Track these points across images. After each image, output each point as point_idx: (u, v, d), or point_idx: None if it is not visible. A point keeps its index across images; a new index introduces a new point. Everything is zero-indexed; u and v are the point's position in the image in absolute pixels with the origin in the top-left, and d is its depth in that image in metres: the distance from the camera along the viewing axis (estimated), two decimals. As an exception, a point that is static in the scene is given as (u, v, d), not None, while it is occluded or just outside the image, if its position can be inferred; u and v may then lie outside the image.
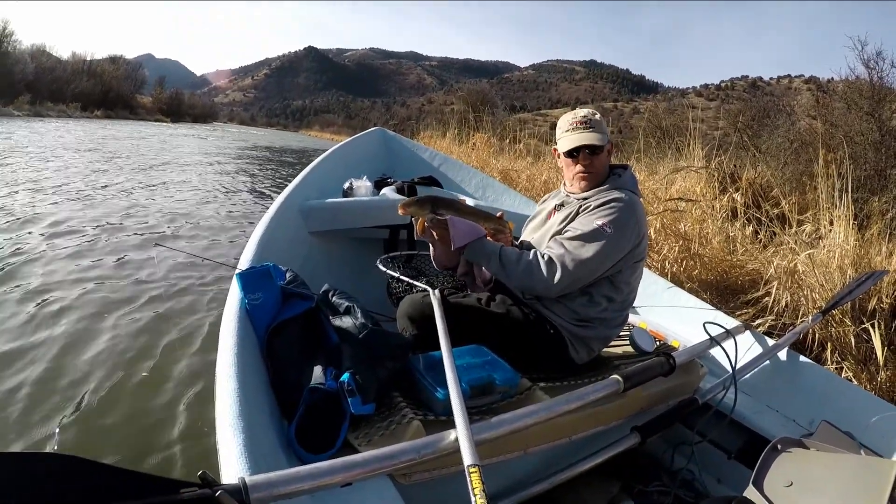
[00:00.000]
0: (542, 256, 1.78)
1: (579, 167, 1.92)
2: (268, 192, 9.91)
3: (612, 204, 1.80)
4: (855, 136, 6.11)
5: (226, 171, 13.02)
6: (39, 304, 3.58)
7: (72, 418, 2.44)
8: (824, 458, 1.42)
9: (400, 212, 1.79)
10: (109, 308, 3.61)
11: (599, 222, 1.76)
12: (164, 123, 48.94)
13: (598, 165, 1.92)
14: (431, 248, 2.01)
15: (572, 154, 1.92)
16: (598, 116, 1.92)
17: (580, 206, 1.87)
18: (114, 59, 61.97)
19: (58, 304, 3.59)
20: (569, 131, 1.92)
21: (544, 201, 2.16)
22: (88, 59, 52.38)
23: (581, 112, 1.94)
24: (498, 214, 1.96)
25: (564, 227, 1.87)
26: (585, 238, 1.76)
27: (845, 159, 3.85)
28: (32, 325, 3.27)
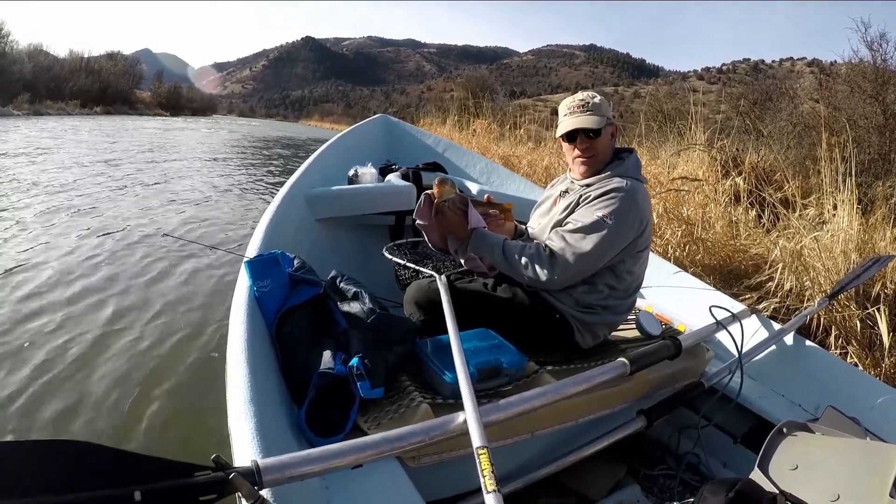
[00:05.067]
0: (544, 249, 1.77)
1: (577, 151, 1.91)
2: (272, 181, 9.92)
3: (613, 194, 1.78)
4: (858, 120, 6.07)
5: (229, 162, 13.04)
6: (49, 295, 3.61)
7: (85, 406, 2.48)
8: (830, 443, 1.42)
9: (435, 189, 1.80)
10: (119, 299, 3.65)
11: (600, 213, 1.75)
12: (163, 117, 48.83)
13: (598, 149, 1.89)
14: (425, 234, 1.98)
15: (570, 138, 1.91)
16: (598, 99, 1.89)
17: (581, 196, 1.85)
18: (111, 56, 61.59)
19: (67, 295, 3.63)
20: (567, 115, 1.90)
21: (552, 186, 2.14)
22: (86, 56, 52.02)
23: (580, 95, 1.92)
24: (485, 198, 2.01)
25: (566, 216, 1.86)
26: (586, 230, 1.74)
27: (849, 143, 3.83)
28: (43, 315, 3.31)
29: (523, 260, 1.77)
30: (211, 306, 3.65)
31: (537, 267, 1.75)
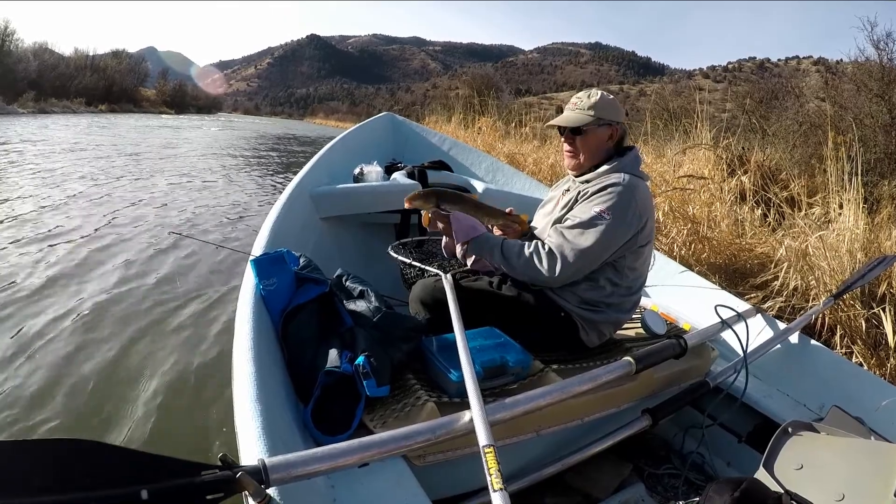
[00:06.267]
0: (543, 247, 1.77)
1: (565, 146, 1.96)
2: (278, 179, 9.94)
3: (610, 189, 1.77)
4: (864, 119, 6.06)
5: (235, 160, 13.07)
6: (56, 292, 3.63)
7: (90, 405, 2.49)
8: (834, 443, 1.42)
9: (406, 205, 1.82)
10: (125, 296, 3.66)
11: (598, 209, 1.75)
12: (168, 115, 48.99)
13: (580, 148, 1.90)
14: (444, 236, 2.01)
15: (561, 132, 1.95)
16: (595, 99, 1.89)
17: (579, 192, 1.86)
18: (116, 54, 62.28)
19: (73, 291, 3.65)
20: (565, 110, 1.95)
21: (556, 186, 2.15)
22: (91, 54, 52.45)
23: (580, 93, 1.94)
24: (507, 210, 1.99)
25: (565, 213, 1.86)
26: (584, 226, 1.74)
27: (855, 142, 3.82)
28: (49, 313, 3.32)
29: (522, 259, 1.77)
30: (217, 304, 3.66)
31: (537, 264, 1.75)
